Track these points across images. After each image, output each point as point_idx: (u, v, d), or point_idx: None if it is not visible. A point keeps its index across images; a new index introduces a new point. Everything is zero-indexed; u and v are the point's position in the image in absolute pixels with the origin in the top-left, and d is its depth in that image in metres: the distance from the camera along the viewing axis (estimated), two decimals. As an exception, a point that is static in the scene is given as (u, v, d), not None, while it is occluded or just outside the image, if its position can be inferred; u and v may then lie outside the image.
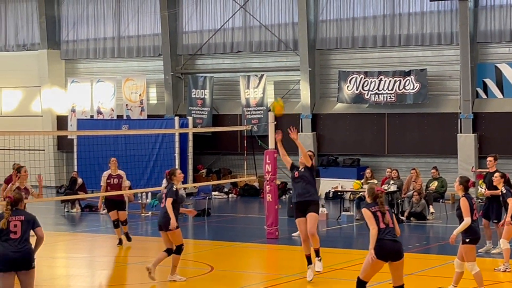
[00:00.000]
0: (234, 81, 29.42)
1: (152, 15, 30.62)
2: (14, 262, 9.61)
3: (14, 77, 32.84)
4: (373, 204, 10.16)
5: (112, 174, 17.38)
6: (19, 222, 9.71)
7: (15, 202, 9.86)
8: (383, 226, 10.02)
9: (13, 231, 9.65)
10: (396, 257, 10.04)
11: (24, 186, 14.94)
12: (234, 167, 29.23)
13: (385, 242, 9.98)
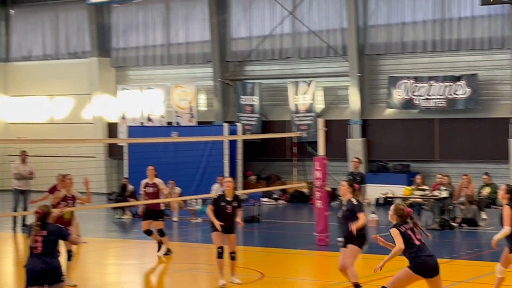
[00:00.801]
0: (282, 87, 29.40)
1: (201, 22, 30.76)
2: (40, 276, 9.64)
3: (65, 85, 33.24)
4: (403, 223, 10.09)
5: (149, 182, 17.29)
6: (40, 237, 9.74)
7: (44, 216, 9.90)
8: (418, 243, 10.02)
9: (34, 247, 9.72)
10: (435, 272, 10.01)
11: (71, 194, 14.91)
12: (283, 174, 29.21)
13: (424, 259, 9.98)
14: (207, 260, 17.50)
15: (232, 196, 13.81)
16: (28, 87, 34.20)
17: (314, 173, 18.31)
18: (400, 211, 10.13)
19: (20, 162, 22.00)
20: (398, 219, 10.11)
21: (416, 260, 9.96)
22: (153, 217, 17.14)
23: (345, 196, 12.56)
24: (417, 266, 9.95)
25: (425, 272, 10.00)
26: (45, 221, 9.88)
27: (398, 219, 10.11)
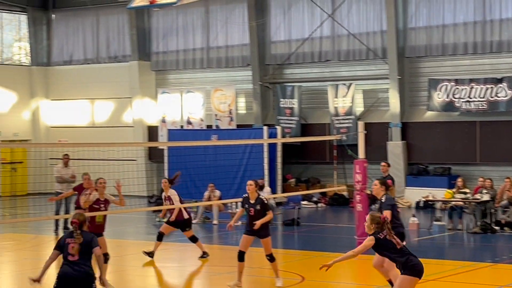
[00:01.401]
0: (322, 90, 29.34)
1: (240, 25, 30.82)
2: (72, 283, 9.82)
3: (106, 89, 33.51)
4: (381, 231, 10.03)
5: (165, 195, 17.21)
6: (78, 245, 9.91)
7: (81, 225, 10.05)
8: (399, 247, 9.99)
9: (71, 253, 9.87)
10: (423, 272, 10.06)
11: (104, 197, 14.92)
12: (323, 177, 29.14)
13: (414, 260, 9.97)
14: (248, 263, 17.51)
15: (255, 198, 13.80)
16: (69, 91, 34.53)
17: (355, 176, 18.23)
18: (377, 219, 10.08)
19: (62, 165, 22.18)
20: (376, 227, 10.06)
21: (409, 263, 9.93)
22: (180, 227, 17.13)
23: (379, 194, 12.63)
24: (412, 268, 9.92)
25: (420, 272, 9.98)
26: (82, 229, 10.05)
27: (376, 227, 10.06)
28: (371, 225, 10.05)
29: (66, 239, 9.95)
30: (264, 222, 13.76)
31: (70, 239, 9.91)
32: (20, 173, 32.93)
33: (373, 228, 10.05)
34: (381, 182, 12.75)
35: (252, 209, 13.76)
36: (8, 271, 16.56)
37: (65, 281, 9.84)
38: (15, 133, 34.14)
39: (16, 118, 34.29)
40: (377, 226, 10.03)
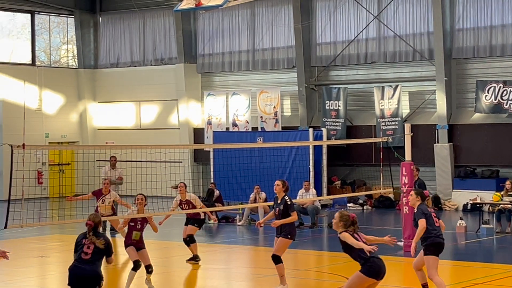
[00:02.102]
0: (368, 92, 29.21)
1: (286, 27, 30.82)
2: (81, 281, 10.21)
3: (152, 91, 33.72)
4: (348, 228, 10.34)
5: (182, 200, 16.76)
6: (93, 245, 10.30)
7: (95, 226, 10.40)
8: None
9: (85, 252, 10.28)
10: (384, 274, 10.32)
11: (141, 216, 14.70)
12: (368, 179, 28.99)
13: (375, 261, 10.25)
14: (293, 265, 17.48)
15: (281, 199, 13.76)
16: (116, 93, 34.82)
17: (401, 178, 18.11)
18: (345, 217, 10.37)
19: (109, 167, 22.34)
20: (343, 226, 10.32)
21: (368, 263, 10.17)
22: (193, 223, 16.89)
23: (415, 205, 12.58)
24: (370, 268, 10.17)
25: (378, 275, 10.24)
26: (97, 231, 10.42)
27: (344, 225, 10.33)
28: (339, 223, 10.34)
29: (82, 240, 10.39)
30: (287, 223, 13.62)
31: (85, 240, 10.35)
32: (67, 174, 33.28)
33: (341, 226, 10.33)
34: (417, 192, 12.75)
35: (277, 209, 13.75)
36: (56, 272, 16.72)
37: (76, 279, 10.23)
38: (63, 135, 34.51)
39: (64, 120, 34.66)
40: (345, 224, 10.31)
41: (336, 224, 10.36)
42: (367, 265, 10.20)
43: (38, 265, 17.36)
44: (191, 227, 16.88)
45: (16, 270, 16.70)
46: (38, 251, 18.86)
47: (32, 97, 33.47)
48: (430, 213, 12.49)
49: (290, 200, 13.66)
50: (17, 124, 31.18)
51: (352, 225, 10.35)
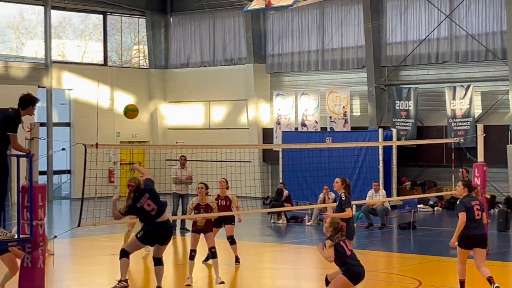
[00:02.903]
0: (439, 92, 28.87)
1: (355, 27, 30.66)
2: (158, 235, 11.74)
3: (222, 91, 33.90)
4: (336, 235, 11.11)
5: (220, 195, 16.69)
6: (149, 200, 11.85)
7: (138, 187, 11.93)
8: (349, 253, 11.11)
9: (150, 210, 11.78)
10: (362, 279, 11.21)
11: (205, 202, 14.95)
12: (439, 180, 28.63)
13: (356, 268, 11.08)
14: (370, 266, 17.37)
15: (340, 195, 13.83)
16: (186, 93, 35.10)
17: (473, 179, 17.84)
18: (335, 224, 11.15)
19: (179, 166, 22.50)
20: (333, 231, 11.12)
21: (350, 269, 11.03)
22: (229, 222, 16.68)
23: (462, 195, 12.98)
24: (350, 273, 11.02)
25: (357, 280, 11.11)
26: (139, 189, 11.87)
27: (333, 231, 11.12)
28: (329, 228, 11.18)
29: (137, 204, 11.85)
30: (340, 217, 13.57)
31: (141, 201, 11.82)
32: (138, 174, 33.56)
33: (330, 231, 11.14)
34: (464, 183, 13.10)
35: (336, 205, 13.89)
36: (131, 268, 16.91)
37: (152, 235, 11.71)
38: (134, 135, 34.92)
39: (135, 119, 34.88)
40: (334, 230, 11.12)
41: (326, 228, 11.21)
42: (349, 271, 11.05)
43: (109, 263, 17.59)
44: (230, 227, 16.64)
45: (88, 268, 16.97)
46: (109, 249, 19.10)
47: (103, 97, 33.95)
48: (472, 206, 12.70)
49: (345, 196, 13.59)
50: (88, 123, 31.69)
51: (339, 232, 11.10)
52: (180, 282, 14.55)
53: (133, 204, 11.93)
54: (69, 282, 15.29)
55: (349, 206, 13.63)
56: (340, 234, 11.09)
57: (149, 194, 11.75)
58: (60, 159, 31.99)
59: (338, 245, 11.04)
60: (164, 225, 11.79)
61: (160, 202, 11.97)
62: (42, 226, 10.58)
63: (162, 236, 11.58)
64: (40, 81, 32.11)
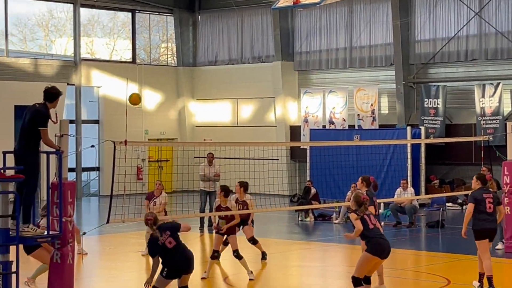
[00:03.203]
0: (468, 90, 28.69)
1: (384, 24, 30.55)
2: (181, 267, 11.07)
3: (250, 88, 33.92)
4: (359, 208, 11.45)
5: (239, 199, 16.49)
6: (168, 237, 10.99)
7: (155, 220, 11.10)
8: (372, 227, 11.34)
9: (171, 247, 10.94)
10: (388, 253, 11.42)
11: (226, 204, 15.13)
12: (468, 178, 28.40)
13: (379, 240, 11.31)
14: (391, 264, 17.33)
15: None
16: (214, 90, 35.15)
17: (503, 178, 17.73)
18: (358, 198, 11.54)
19: (206, 164, 22.57)
20: (356, 205, 11.48)
21: (372, 242, 11.21)
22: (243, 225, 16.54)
23: (475, 188, 13.53)
24: (374, 247, 11.20)
25: (381, 253, 11.28)
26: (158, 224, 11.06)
27: (356, 205, 11.48)
28: (353, 202, 11.58)
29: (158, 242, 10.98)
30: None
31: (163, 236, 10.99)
32: (166, 171, 33.79)
33: (353, 206, 11.52)
34: (478, 176, 13.71)
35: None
36: (155, 266, 16.98)
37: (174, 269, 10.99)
38: (162, 132, 35.05)
39: (163, 117, 35.19)
40: (357, 203, 11.45)
41: (351, 203, 11.64)
42: (371, 244, 11.23)
43: (138, 260, 17.68)
44: (249, 229, 16.59)
45: (116, 264, 17.06)
46: (138, 246, 19.19)
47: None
48: (484, 199, 13.23)
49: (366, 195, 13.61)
50: (117, 121, 31.84)
51: (361, 205, 11.43)
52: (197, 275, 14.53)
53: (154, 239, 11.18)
54: (97, 279, 15.39)
55: (371, 204, 13.55)
56: (363, 207, 11.44)
57: (171, 231, 11.13)
58: (89, 156, 32.20)
59: (361, 218, 11.34)
60: (185, 255, 11.17)
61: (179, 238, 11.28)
62: (72, 223, 10.65)
63: (187, 266, 11.13)
64: (69, 78, 32.31)
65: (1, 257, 10.14)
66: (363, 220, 11.35)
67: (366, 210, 11.51)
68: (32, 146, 10.44)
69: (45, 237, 10.61)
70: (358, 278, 11.29)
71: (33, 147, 10.45)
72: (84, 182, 33.72)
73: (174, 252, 10.95)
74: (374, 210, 13.40)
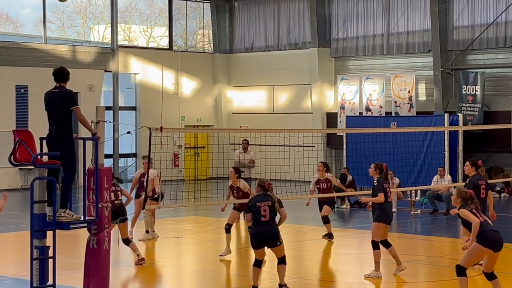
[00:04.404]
0: (507, 76, 28.40)
1: (422, 10, 30.29)
2: (264, 239, 12.05)
3: (286, 75, 33.86)
4: (467, 204, 11.00)
5: (320, 178, 17.81)
6: (267, 207, 12.02)
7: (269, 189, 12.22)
8: (482, 220, 10.89)
9: (263, 215, 11.96)
10: (501, 246, 10.88)
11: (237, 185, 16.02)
12: (506, 166, 28.20)
13: (491, 233, 10.84)
14: (426, 252, 17.26)
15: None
16: (250, 77, 35.14)
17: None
18: (463, 194, 11.05)
19: (241, 150, 22.60)
20: (462, 201, 11.01)
21: (484, 234, 10.75)
22: (328, 203, 17.81)
23: (470, 174, 14.18)
24: (486, 239, 10.75)
25: (494, 245, 10.79)
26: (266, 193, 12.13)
27: (462, 201, 11.01)
28: (457, 199, 11.06)
29: (257, 203, 12.06)
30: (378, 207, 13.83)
31: (262, 203, 12.05)
32: (202, 157, 33.91)
33: (459, 202, 11.03)
34: (471, 163, 14.26)
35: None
36: (192, 253, 17.09)
37: (259, 238, 11.98)
38: (199, 119, 35.15)
39: (200, 103, 35.28)
40: (463, 200, 11.00)
41: (455, 200, 11.11)
42: (483, 236, 10.76)
43: (174, 246, 17.78)
44: (327, 208, 17.88)
45: (153, 250, 17.16)
46: (174, 232, 19.31)
47: (169, 81, 34.21)
48: (479, 185, 13.90)
49: (377, 181, 13.90)
50: (154, 107, 31.97)
51: (468, 201, 11.00)
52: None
53: (254, 202, 12.24)
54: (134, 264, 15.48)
55: (382, 191, 13.73)
56: (471, 202, 11.01)
57: (272, 202, 12.16)
58: (126, 143, 32.39)
59: (472, 212, 10.90)
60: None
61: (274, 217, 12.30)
62: (108, 208, 10.73)
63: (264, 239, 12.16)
64: (107, 65, 32.49)
65: (38, 242, 10.25)
66: (473, 214, 10.91)
67: (475, 205, 11.05)
68: (67, 128, 10.46)
69: (81, 223, 10.69)
70: (463, 267, 10.95)
71: (68, 129, 10.47)
72: (121, 168, 33.92)
73: (262, 222, 11.91)
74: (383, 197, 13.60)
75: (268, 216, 11.96)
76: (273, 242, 12.08)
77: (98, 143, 10.58)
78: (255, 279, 12.24)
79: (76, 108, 10.41)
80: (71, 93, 10.56)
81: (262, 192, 12.22)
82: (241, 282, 14.03)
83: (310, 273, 14.88)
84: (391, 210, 13.83)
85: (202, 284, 13.76)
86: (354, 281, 13.98)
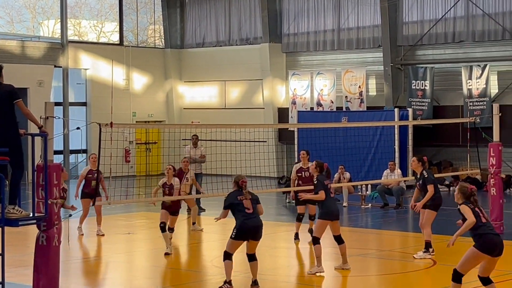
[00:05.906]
0: (455, 71, 28.74)
1: (372, 6, 30.52)
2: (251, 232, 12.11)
3: (237, 71, 33.87)
4: (469, 202, 10.52)
5: (303, 167, 17.59)
6: (249, 200, 12.18)
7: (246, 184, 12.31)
8: (484, 221, 10.37)
9: (247, 208, 12.08)
10: (500, 251, 10.25)
11: (170, 182, 15.88)
12: (455, 160, 28.57)
13: (491, 237, 10.26)
14: (377, 245, 17.40)
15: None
16: (201, 73, 35.08)
17: (489, 159, 17.80)
18: (464, 189, 10.59)
19: (191, 146, 22.58)
20: (463, 197, 10.53)
21: (483, 239, 10.20)
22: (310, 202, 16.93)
23: (418, 170, 15.07)
24: (483, 244, 10.18)
25: (492, 251, 10.18)
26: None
27: (463, 197, 10.53)
28: (458, 195, 10.59)
29: (238, 197, 12.12)
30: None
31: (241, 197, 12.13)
32: (154, 153, 33.77)
33: (460, 198, 10.54)
34: (418, 158, 14.95)
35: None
36: (143, 249, 17.02)
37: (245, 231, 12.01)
38: (150, 114, 35.00)
39: (151, 99, 35.13)
40: (464, 196, 10.52)
41: (456, 195, 10.64)
42: (481, 241, 10.24)
43: (125, 242, 17.69)
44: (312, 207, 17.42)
45: (104, 246, 17.05)
46: (125, 228, 19.21)
47: (119, 76, 34.00)
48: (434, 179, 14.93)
49: (317, 179, 13.97)
50: (104, 103, 31.78)
51: (469, 197, 10.55)
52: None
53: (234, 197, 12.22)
54: (84, 260, 15.37)
55: (322, 189, 13.73)
56: (473, 198, 10.54)
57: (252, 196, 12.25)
58: (76, 139, 32.11)
59: (473, 211, 10.40)
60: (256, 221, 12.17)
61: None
62: (57, 205, 10.63)
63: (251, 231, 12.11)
64: (56, 60, 32.17)
65: (-14, 240, 10.11)
66: (475, 213, 10.37)
67: (476, 202, 10.58)
68: (13, 123, 10.29)
69: (30, 219, 10.57)
70: (460, 273, 10.40)
71: (14, 124, 10.30)
72: (72, 165, 33.63)
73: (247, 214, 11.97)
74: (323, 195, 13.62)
75: (251, 209, 12.04)
76: (259, 234, 12.16)
77: (47, 139, 10.46)
78: (229, 274, 12.12)
79: (19, 101, 10.23)
80: (12, 87, 10.36)
81: (238, 188, 12.26)
82: (192, 277, 14.01)
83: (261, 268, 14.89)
84: (335, 206, 13.85)
85: (153, 280, 13.71)
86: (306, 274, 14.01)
